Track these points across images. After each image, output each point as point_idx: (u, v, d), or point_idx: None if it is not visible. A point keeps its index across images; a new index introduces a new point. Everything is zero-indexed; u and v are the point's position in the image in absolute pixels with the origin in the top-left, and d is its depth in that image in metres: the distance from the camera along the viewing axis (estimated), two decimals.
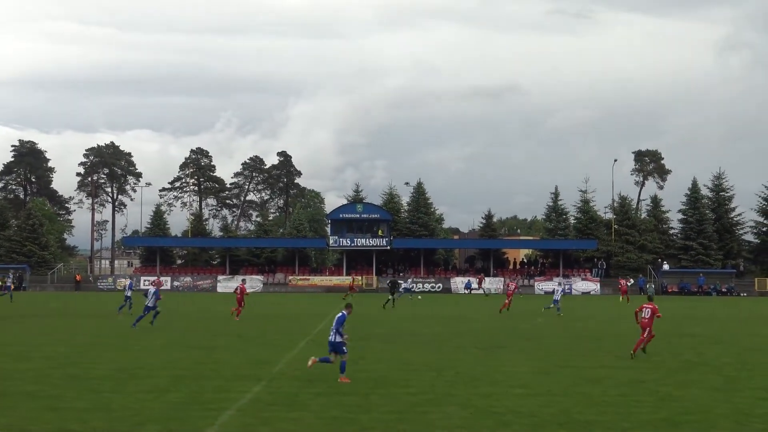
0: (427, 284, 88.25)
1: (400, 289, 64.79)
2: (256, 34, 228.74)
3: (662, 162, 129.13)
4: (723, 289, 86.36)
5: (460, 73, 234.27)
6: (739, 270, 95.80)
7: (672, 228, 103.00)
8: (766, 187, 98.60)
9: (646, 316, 25.47)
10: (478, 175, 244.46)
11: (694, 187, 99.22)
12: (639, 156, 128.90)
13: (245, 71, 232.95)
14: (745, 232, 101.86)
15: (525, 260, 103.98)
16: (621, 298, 68.17)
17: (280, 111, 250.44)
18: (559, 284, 67.48)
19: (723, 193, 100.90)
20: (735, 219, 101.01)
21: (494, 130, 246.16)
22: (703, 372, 21.90)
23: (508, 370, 21.99)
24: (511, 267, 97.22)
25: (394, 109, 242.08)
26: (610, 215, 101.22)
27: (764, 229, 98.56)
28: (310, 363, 20.22)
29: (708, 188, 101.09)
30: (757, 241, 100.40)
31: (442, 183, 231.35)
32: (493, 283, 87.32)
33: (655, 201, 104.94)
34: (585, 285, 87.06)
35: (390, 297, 56.00)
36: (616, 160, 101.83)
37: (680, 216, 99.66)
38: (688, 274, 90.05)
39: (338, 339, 19.95)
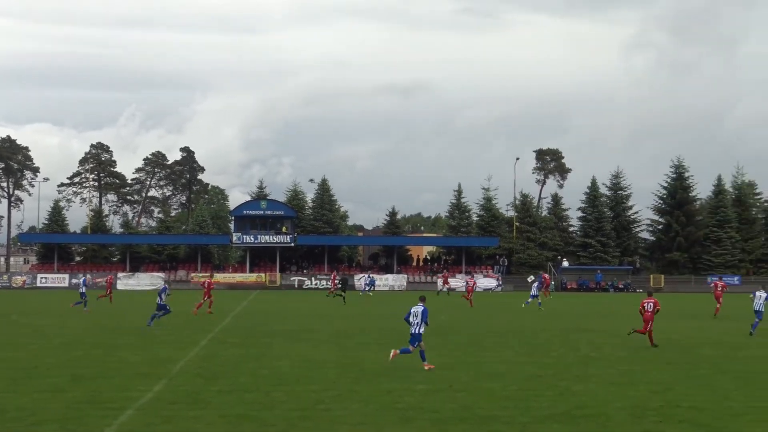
0: (330, 281, 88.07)
1: (366, 286, 70.31)
2: (163, 28, 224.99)
3: (563, 161, 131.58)
4: (620, 286, 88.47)
5: (370, 70, 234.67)
6: (635, 267, 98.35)
7: (572, 226, 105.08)
8: (662, 186, 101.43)
9: (650, 309, 28.34)
10: (386, 172, 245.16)
11: (594, 186, 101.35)
12: (540, 155, 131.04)
13: (151, 65, 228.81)
14: (641, 230, 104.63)
15: (428, 257, 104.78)
16: (544, 295, 69.70)
17: (186, 106, 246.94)
18: (533, 280, 68.46)
19: (621, 192, 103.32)
20: (632, 217, 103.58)
21: (404, 128, 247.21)
22: (601, 366, 22.40)
23: (411, 366, 22.11)
24: (414, 264, 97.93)
25: (303, 106, 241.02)
26: (512, 213, 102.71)
27: (659, 227, 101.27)
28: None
29: (607, 187, 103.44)
30: (652, 238, 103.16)
31: (350, 180, 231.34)
32: (396, 280, 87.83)
33: (556, 199, 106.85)
34: (487, 282, 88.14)
35: (341, 293, 57.61)
36: (518, 159, 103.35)
37: (580, 214, 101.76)
38: (587, 271, 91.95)
39: (422, 330, 22.03)
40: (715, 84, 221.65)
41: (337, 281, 67.52)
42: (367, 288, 71.53)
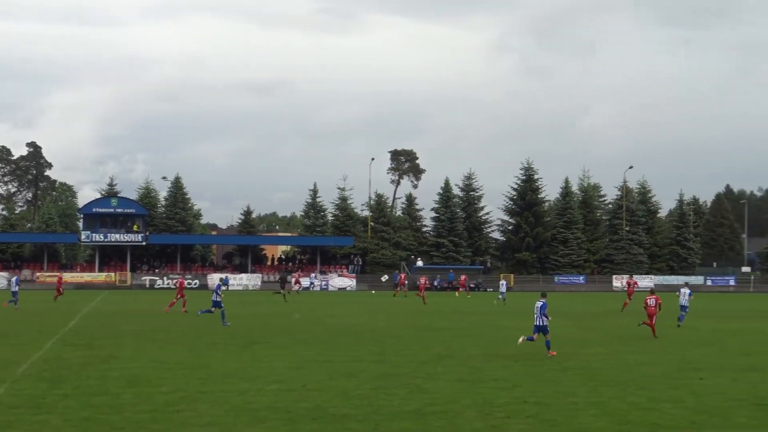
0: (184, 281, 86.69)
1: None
2: (14, 18, 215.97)
3: (417, 162, 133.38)
4: (471, 285, 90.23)
5: (228, 67, 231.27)
6: (486, 266, 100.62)
7: (425, 226, 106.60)
8: (512, 187, 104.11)
9: (652, 305, 32.00)
10: (243, 170, 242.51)
11: (447, 187, 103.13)
12: (395, 155, 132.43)
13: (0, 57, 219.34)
14: (492, 230, 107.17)
15: (283, 257, 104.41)
16: (458, 293, 73.09)
17: (36, 100, 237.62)
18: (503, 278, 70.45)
19: (473, 193, 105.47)
20: (484, 218, 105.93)
21: (262, 126, 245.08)
22: (451, 364, 22.82)
23: (263, 365, 22.02)
24: (269, 263, 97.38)
25: (160, 102, 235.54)
26: (367, 213, 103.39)
27: (510, 227, 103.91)
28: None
29: (459, 188, 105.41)
30: (503, 238, 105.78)
31: (207, 178, 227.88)
32: (250, 280, 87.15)
33: (410, 199, 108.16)
34: (341, 281, 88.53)
35: (281, 291, 61.13)
36: (373, 159, 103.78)
37: (433, 214, 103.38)
38: (440, 270, 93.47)
39: (544, 322, 25.24)
40: (569, 89, 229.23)
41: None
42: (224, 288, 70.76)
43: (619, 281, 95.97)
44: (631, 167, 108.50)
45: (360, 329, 34.63)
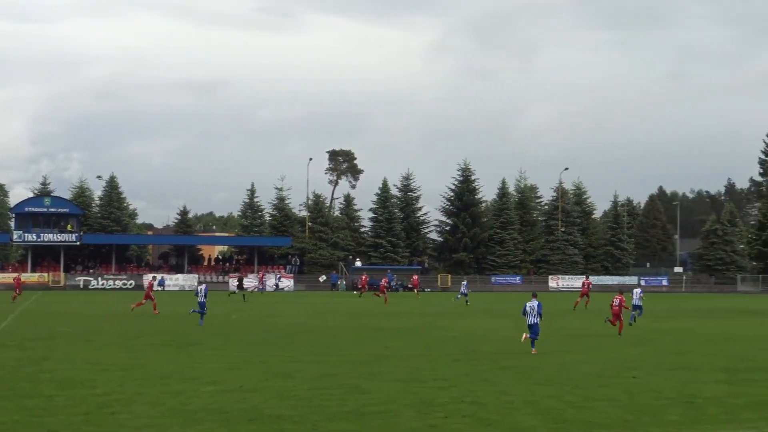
0: (118, 281, 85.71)
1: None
2: None
3: (355, 162, 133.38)
4: (409, 286, 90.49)
5: (167, 65, 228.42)
6: (424, 267, 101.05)
7: (363, 226, 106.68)
8: (449, 188, 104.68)
9: (616, 305, 32.90)
10: (181, 169, 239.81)
11: (385, 187, 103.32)
12: (333, 156, 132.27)
13: None
14: (430, 231, 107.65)
15: (220, 257, 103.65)
16: (416, 292, 73.79)
17: None
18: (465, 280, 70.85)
19: (411, 193, 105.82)
20: (421, 218, 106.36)
21: (201, 125, 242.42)
22: (390, 364, 22.84)
23: (199, 366, 21.82)
24: (206, 264, 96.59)
25: (96, 99, 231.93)
26: (304, 213, 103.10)
27: (447, 228, 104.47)
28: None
29: (398, 188, 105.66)
30: (440, 239, 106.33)
31: (143, 177, 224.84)
32: (187, 280, 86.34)
33: (348, 200, 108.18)
34: (279, 281, 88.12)
35: (241, 292, 62.49)
36: (311, 159, 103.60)
37: (371, 215, 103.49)
38: (378, 271, 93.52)
39: (537, 321, 26.07)
40: (509, 91, 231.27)
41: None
42: (160, 288, 70.96)
43: (554, 281, 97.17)
44: (566, 168, 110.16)
45: (297, 329, 34.51)
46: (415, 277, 79.49)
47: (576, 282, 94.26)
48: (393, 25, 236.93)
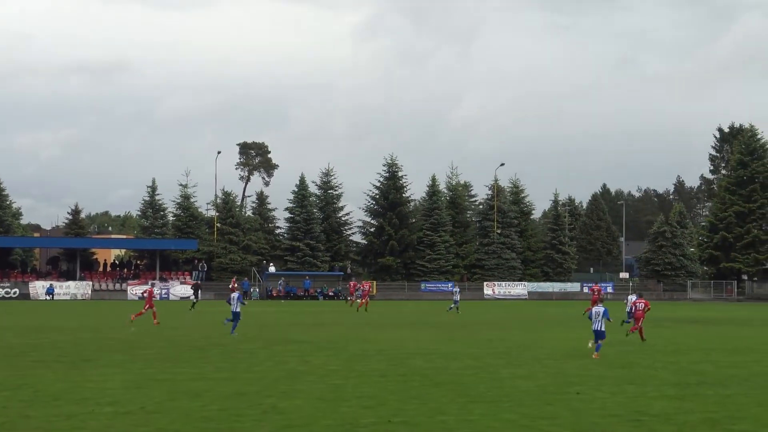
0: (0, 289, 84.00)
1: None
2: None
3: (269, 156, 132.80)
4: (330, 293, 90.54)
5: (59, 47, 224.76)
6: (346, 272, 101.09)
7: (279, 228, 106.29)
8: (374, 185, 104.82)
9: (640, 308, 37.01)
10: (74, 164, 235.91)
11: (302, 184, 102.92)
12: (244, 149, 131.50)
13: None
14: (353, 233, 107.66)
15: (117, 262, 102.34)
16: (356, 301, 72.10)
17: None
18: (455, 286, 71.44)
19: (332, 191, 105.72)
20: (344, 219, 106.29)
21: (98, 113, 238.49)
22: (309, 381, 22.81)
23: (95, 386, 21.51)
24: (101, 269, 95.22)
25: None
26: (212, 213, 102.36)
27: (372, 229, 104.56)
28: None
29: (317, 185, 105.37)
30: (364, 242, 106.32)
31: (30, 172, 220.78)
32: (79, 288, 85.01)
33: (261, 198, 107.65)
34: (183, 289, 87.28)
35: (194, 299, 66.89)
36: (219, 153, 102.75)
37: (287, 215, 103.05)
38: (295, 277, 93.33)
39: (603, 327, 29.25)
40: (443, 78, 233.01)
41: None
42: (48, 297, 70.25)
43: (490, 288, 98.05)
44: (502, 164, 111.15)
45: (206, 343, 34.23)
46: (368, 285, 78.75)
47: (514, 289, 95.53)
48: (317, 3, 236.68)
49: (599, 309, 29.50)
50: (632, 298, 43.54)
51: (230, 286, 74.76)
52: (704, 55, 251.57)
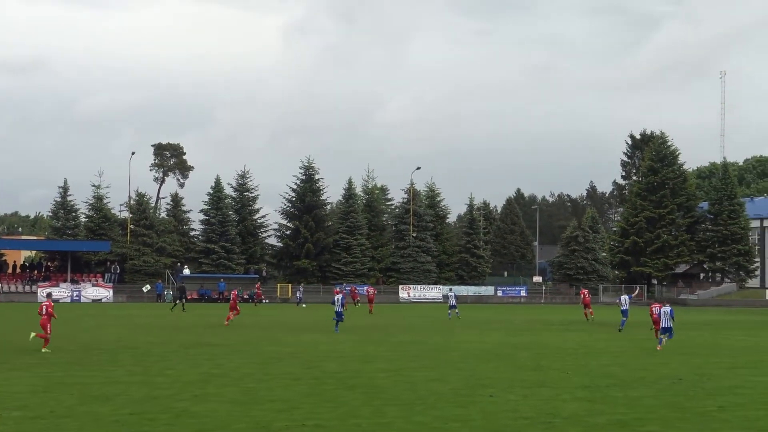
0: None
1: None
2: None
3: (184, 157, 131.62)
4: (245, 296, 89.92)
5: None
6: (261, 275, 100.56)
7: (194, 230, 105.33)
8: (290, 188, 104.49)
9: (657, 313, 37.90)
10: None
11: (218, 186, 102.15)
12: (159, 150, 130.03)
13: None
14: (269, 236, 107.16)
15: (27, 263, 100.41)
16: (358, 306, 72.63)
17: None
18: (450, 290, 70.97)
19: (247, 193, 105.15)
20: (259, 221, 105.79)
21: (13, 111, 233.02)
22: (222, 384, 22.67)
23: (2, 390, 21.12)
24: (9, 271, 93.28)
25: None
26: (126, 214, 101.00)
27: (288, 232, 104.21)
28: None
29: (232, 187, 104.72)
30: (280, 244, 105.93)
31: None
32: None
33: (176, 200, 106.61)
34: (96, 291, 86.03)
35: (179, 302, 67.88)
36: (134, 153, 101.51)
37: (202, 217, 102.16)
38: (209, 280, 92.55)
39: (671, 324, 34.99)
40: (371, 80, 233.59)
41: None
42: None
43: (405, 291, 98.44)
44: (418, 168, 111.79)
45: (117, 346, 33.82)
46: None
47: (429, 292, 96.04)
48: (243, 4, 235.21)
49: (666, 309, 34.98)
50: (625, 298, 48.50)
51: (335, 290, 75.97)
52: (620, 63, 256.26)
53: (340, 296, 44.60)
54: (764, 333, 48.25)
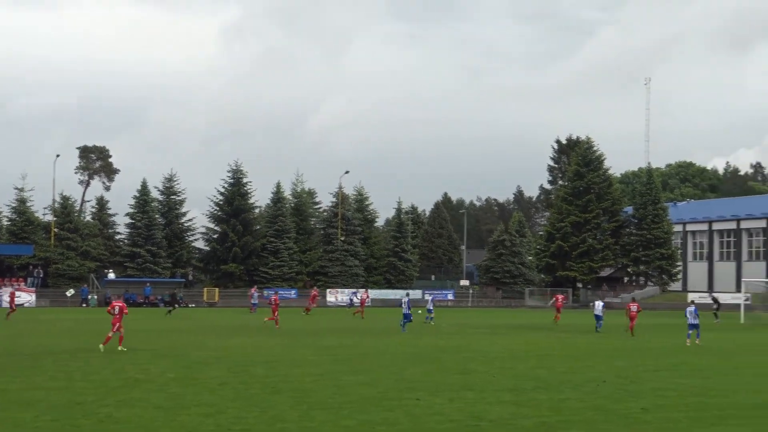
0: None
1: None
2: None
3: (110, 160, 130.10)
4: (160, 298, 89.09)
5: None
6: (188, 279, 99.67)
7: (119, 233, 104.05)
8: (218, 191, 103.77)
9: (634, 310, 47.75)
10: None
11: (144, 189, 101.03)
12: (84, 152, 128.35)
13: None
14: (196, 239, 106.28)
15: None
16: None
17: None
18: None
19: (174, 197, 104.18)
20: (186, 225, 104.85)
21: None
22: (147, 390, 22.43)
23: None
24: None
25: None
26: (50, 217, 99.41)
27: (215, 236, 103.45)
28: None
29: (159, 191, 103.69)
30: (207, 248, 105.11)
31: None
32: None
33: (102, 203, 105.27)
34: (18, 296, 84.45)
35: (171, 307, 70.61)
36: (58, 156, 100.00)
37: (128, 220, 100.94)
38: (134, 284, 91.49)
39: (697, 321, 40.94)
40: (306, 83, 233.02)
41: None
42: None
43: (333, 295, 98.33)
44: (347, 172, 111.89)
45: (40, 351, 33.29)
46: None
47: (357, 296, 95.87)
48: (180, 4, 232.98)
49: (692, 308, 41.20)
50: (599, 303, 52.09)
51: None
52: (551, 69, 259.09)
53: (407, 299, 49.81)
54: (685, 336, 49.04)
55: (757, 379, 27.21)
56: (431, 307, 57.97)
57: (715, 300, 72.20)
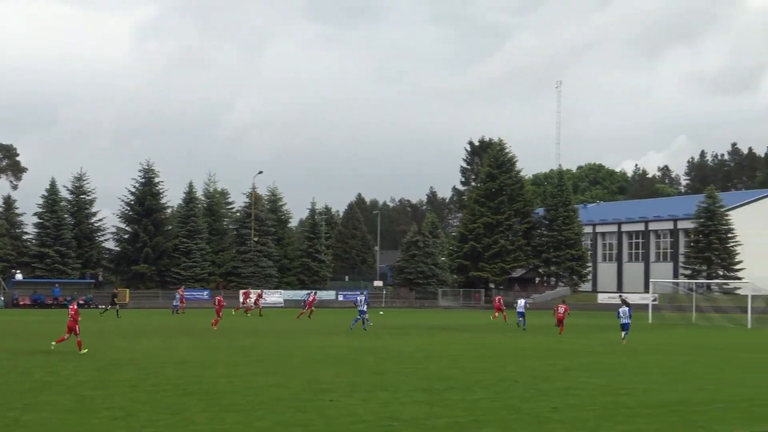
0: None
1: None
2: None
3: (17, 159, 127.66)
4: (81, 301, 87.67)
5: None
6: (98, 280, 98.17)
7: (27, 233, 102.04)
8: (129, 191, 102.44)
9: (561, 312, 49.45)
10: None
11: (53, 189, 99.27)
12: None
13: None
14: (106, 240, 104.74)
15: None
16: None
17: None
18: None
19: (84, 197, 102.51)
20: (96, 225, 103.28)
21: None
22: (56, 393, 22.05)
23: None
24: None
25: None
26: None
27: (126, 236, 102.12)
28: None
29: (68, 190, 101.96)
30: (118, 249, 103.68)
31: None
32: None
33: (9, 202, 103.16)
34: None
35: (112, 308, 70.13)
36: None
37: (36, 220, 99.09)
38: (43, 285, 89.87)
39: (630, 321, 42.47)
40: (218, 84, 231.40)
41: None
42: None
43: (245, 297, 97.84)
44: (260, 172, 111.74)
45: None
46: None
47: (270, 297, 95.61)
48: (94, 3, 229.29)
49: (625, 309, 42.60)
50: (522, 302, 54.95)
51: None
52: (466, 71, 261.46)
53: (363, 296, 52.22)
54: (596, 335, 49.92)
55: (664, 377, 27.79)
56: (364, 308, 52.09)
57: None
